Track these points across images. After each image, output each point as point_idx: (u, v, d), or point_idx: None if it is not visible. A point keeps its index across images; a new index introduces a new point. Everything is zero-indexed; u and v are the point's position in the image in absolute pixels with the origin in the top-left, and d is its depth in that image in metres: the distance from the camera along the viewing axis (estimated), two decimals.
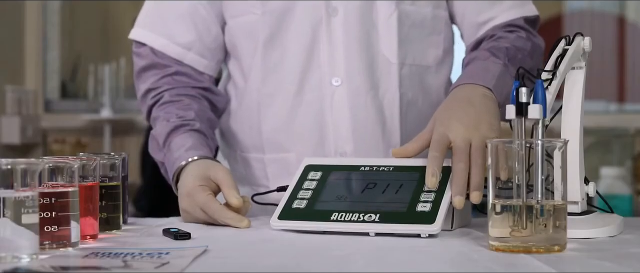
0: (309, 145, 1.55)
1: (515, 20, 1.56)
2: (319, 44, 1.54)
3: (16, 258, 1.02)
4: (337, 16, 1.53)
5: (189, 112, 1.53)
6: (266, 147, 1.58)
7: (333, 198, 1.29)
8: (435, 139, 1.29)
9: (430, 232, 1.20)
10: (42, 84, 4.34)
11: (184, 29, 1.59)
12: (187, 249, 1.09)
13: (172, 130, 1.51)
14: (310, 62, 1.54)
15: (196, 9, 1.59)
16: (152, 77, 1.59)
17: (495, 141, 1.11)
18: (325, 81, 1.54)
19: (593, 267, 0.99)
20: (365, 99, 1.54)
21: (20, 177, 1.03)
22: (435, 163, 1.26)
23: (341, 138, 1.54)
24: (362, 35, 1.54)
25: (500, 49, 1.49)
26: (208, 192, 1.37)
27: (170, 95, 1.57)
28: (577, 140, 1.27)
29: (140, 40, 1.61)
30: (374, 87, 1.54)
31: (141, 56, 1.61)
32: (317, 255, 1.10)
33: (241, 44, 1.59)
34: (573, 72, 1.30)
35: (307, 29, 1.54)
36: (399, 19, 1.55)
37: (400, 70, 1.55)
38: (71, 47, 4.64)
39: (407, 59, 1.56)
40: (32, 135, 4.19)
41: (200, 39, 1.59)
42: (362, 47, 1.54)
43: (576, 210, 1.24)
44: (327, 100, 1.54)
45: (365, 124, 1.54)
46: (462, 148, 1.27)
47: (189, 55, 1.59)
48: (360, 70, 1.53)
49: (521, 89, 1.15)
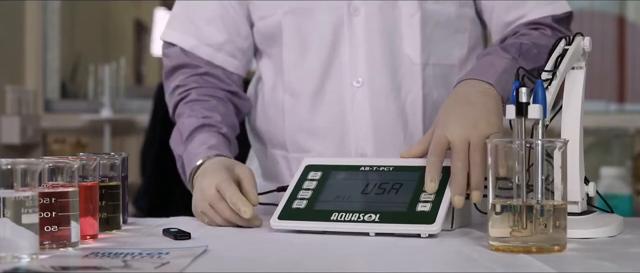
0: (330, 145, 1.54)
1: (542, 19, 1.52)
2: (341, 44, 1.53)
3: (16, 258, 1.02)
4: (359, 16, 1.52)
5: (215, 114, 1.53)
6: (289, 145, 1.59)
7: (333, 198, 1.29)
8: (433, 142, 1.29)
9: (430, 232, 1.20)
10: (42, 84, 4.34)
11: (215, 30, 1.59)
12: (187, 249, 1.09)
13: (199, 126, 1.51)
14: (332, 62, 1.53)
15: (226, 10, 1.59)
16: (181, 75, 1.60)
17: (495, 141, 1.11)
18: (347, 81, 1.53)
19: (593, 267, 1.00)
20: (386, 100, 1.52)
21: (20, 177, 1.03)
22: (434, 168, 1.26)
23: (362, 139, 1.53)
24: (384, 35, 1.52)
25: (514, 44, 1.47)
26: (229, 177, 1.36)
27: (198, 94, 1.57)
28: (577, 140, 1.27)
29: (171, 41, 1.62)
30: (396, 88, 1.53)
31: (171, 57, 1.62)
32: (317, 255, 1.11)
33: (267, 45, 1.60)
34: (573, 72, 1.30)
35: (329, 28, 1.53)
36: (422, 19, 1.52)
37: (423, 71, 1.53)
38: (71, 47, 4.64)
39: (430, 59, 1.54)
40: (32, 135, 4.19)
41: (231, 39, 1.60)
42: (384, 47, 1.52)
43: (576, 210, 1.24)
44: (348, 100, 1.53)
45: (386, 124, 1.52)
46: (460, 148, 1.27)
47: (220, 56, 1.60)
48: (382, 70, 1.52)
49: (521, 89, 1.15)
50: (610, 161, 3.93)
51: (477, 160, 1.25)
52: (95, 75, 4.29)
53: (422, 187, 1.26)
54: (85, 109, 4.33)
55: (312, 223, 1.26)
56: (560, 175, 1.11)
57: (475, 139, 1.27)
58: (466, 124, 1.29)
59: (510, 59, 1.42)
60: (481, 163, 1.25)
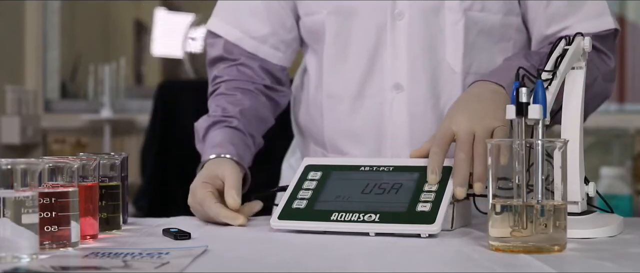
0: (367, 150, 1.54)
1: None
2: (383, 48, 1.51)
3: (16, 258, 1.02)
4: (403, 20, 1.50)
5: (235, 108, 1.54)
6: (328, 145, 1.59)
7: (333, 198, 1.29)
8: (437, 135, 1.29)
9: (430, 232, 1.20)
10: (42, 84, 4.34)
11: (259, 22, 1.60)
12: (187, 249, 1.09)
13: (211, 124, 1.52)
14: (373, 66, 1.52)
15: (271, 4, 1.60)
16: (220, 66, 1.61)
17: (495, 141, 1.11)
18: (387, 87, 1.52)
19: (593, 267, 1.00)
20: (425, 108, 1.51)
21: (20, 177, 1.03)
22: (435, 160, 1.26)
23: (399, 146, 1.52)
24: (426, 41, 1.50)
25: (538, 53, 1.44)
26: (209, 189, 1.37)
27: (226, 88, 1.58)
28: (577, 140, 1.27)
29: (217, 32, 1.62)
30: (435, 96, 1.51)
31: (214, 46, 1.63)
32: (317, 255, 1.11)
33: (313, 40, 1.60)
34: (573, 72, 1.30)
35: (372, 32, 1.51)
36: (466, 26, 1.49)
37: (464, 80, 1.50)
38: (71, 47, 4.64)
39: (472, 68, 1.51)
40: (32, 135, 4.19)
41: (275, 32, 1.60)
42: (426, 54, 1.50)
43: (576, 210, 1.24)
44: (386, 106, 1.52)
45: (424, 132, 1.50)
46: (464, 139, 1.26)
47: (264, 48, 1.60)
48: (423, 77, 1.50)
49: (521, 89, 1.15)
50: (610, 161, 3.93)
51: (480, 151, 1.25)
52: (95, 75, 4.28)
53: (422, 187, 1.27)
54: (85, 109, 4.32)
55: (312, 223, 1.26)
56: (560, 175, 1.11)
57: (480, 131, 1.27)
58: (472, 117, 1.29)
59: (530, 66, 1.38)
60: (484, 154, 1.24)
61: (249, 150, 1.52)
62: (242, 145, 1.50)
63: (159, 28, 5.04)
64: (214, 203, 1.35)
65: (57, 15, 4.43)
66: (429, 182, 1.26)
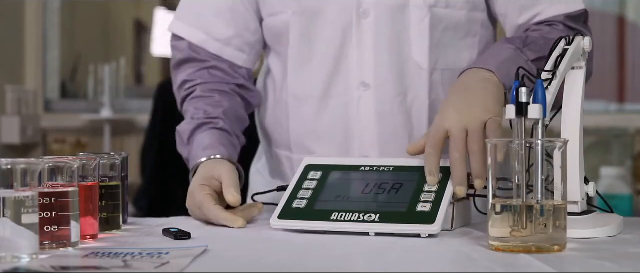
0: (335, 149, 1.54)
1: (555, 17, 1.50)
2: (349, 47, 1.51)
3: (16, 258, 1.02)
4: (368, 18, 1.50)
5: (216, 110, 1.54)
6: (293, 146, 1.58)
7: (333, 198, 1.29)
8: (430, 134, 1.28)
9: (430, 232, 1.20)
10: (42, 84, 4.34)
11: (223, 24, 1.59)
12: (187, 249, 1.09)
13: (195, 127, 1.52)
14: (339, 66, 1.52)
15: (235, 5, 1.59)
16: (189, 69, 1.60)
17: (495, 141, 1.11)
18: (353, 85, 1.52)
19: (593, 267, 1.00)
20: (392, 105, 1.51)
21: (20, 177, 1.03)
22: (431, 160, 1.26)
23: (367, 144, 1.52)
24: (392, 39, 1.50)
25: (519, 37, 1.46)
26: (207, 191, 1.37)
27: (202, 90, 1.57)
28: (577, 140, 1.27)
29: (180, 34, 1.62)
30: (402, 93, 1.51)
31: (179, 49, 1.62)
32: (317, 254, 1.11)
33: (276, 42, 1.59)
34: (573, 72, 1.30)
35: (337, 31, 1.52)
36: (431, 23, 1.50)
37: (430, 76, 1.51)
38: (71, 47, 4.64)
39: (438, 64, 1.52)
40: (32, 135, 4.19)
41: (239, 34, 1.59)
42: (392, 52, 1.51)
43: (576, 210, 1.24)
44: (353, 105, 1.52)
45: (391, 130, 1.51)
46: (457, 137, 1.26)
47: (228, 50, 1.60)
48: (389, 75, 1.51)
49: (521, 89, 1.15)
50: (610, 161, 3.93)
51: (475, 149, 1.25)
52: (95, 75, 4.29)
53: (422, 187, 1.27)
54: (85, 109, 4.33)
55: (312, 223, 1.26)
56: (560, 175, 1.11)
57: (472, 126, 1.26)
58: (463, 111, 1.28)
59: (514, 49, 1.41)
60: (479, 150, 1.24)
61: (236, 150, 1.53)
62: (230, 145, 1.50)
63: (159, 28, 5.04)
64: (213, 205, 1.35)
65: (57, 15, 4.43)
66: (428, 183, 1.26)
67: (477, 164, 1.24)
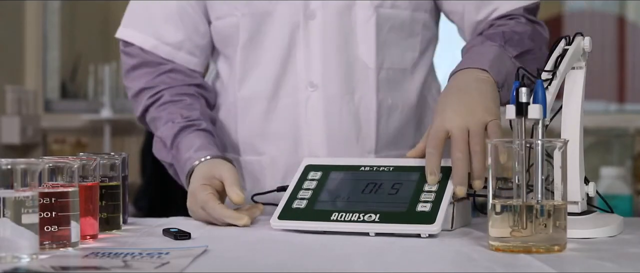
0: (283, 149, 1.54)
1: (514, 11, 1.52)
2: (296, 48, 1.52)
3: (16, 258, 1.02)
4: (315, 20, 1.51)
5: (193, 112, 1.54)
6: (242, 148, 1.58)
7: (333, 198, 1.29)
8: (431, 134, 1.29)
9: (430, 232, 1.20)
10: (42, 84, 4.34)
11: (173, 29, 1.58)
12: (187, 249, 1.09)
13: (179, 131, 1.51)
14: (287, 66, 1.53)
15: (184, 8, 1.58)
16: (145, 76, 1.59)
17: (495, 141, 1.11)
18: (301, 86, 1.53)
19: (593, 267, 0.99)
20: (340, 105, 1.52)
21: (20, 177, 1.03)
22: (432, 160, 1.26)
23: (315, 144, 1.53)
24: (339, 39, 1.52)
25: (497, 33, 1.47)
26: (209, 191, 1.37)
27: (170, 95, 1.56)
28: (577, 140, 1.27)
29: (130, 41, 1.61)
30: (349, 92, 1.53)
31: (131, 55, 1.61)
32: (317, 255, 1.11)
33: (223, 44, 1.59)
34: (573, 72, 1.30)
35: (285, 32, 1.53)
36: (377, 23, 1.52)
37: (377, 75, 1.53)
38: (71, 47, 4.64)
39: (384, 63, 1.54)
40: (32, 135, 4.19)
41: (190, 38, 1.59)
42: (339, 52, 1.52)
43: (576, 210, 1.24)
44: (301, 105, 1.53)
45: (339, 129, 1.52)
46: (459, 138, 1.26)
47: (180, 55, 1.59)
48: (337, 75, 1.52)
49: (521, 89, 1.15)
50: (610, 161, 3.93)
51: (477, 149, 1.25)
52: (95, 75, 4.29)
53: (422, 187, 1.27)
54: (85, 109, 4.33)
55: (312, 223, 1.26)
56: (560, 175, 1.11)
57: (474, 127, 1.27)
58: (463, 112, 1.29)
59: (498, 46, 1.43)
60: (481, 151, 1.24)
61: (220, 149, 1.52)
62: (217, 145, 1.51)
63: None
64: (218, 204, 1.35)
65: (57, 15, 4.43)
66: (429, 183, 1.26)
67: (478, 165, 1.24)
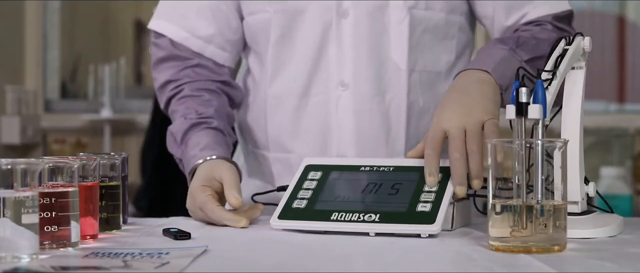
0: (312, 147, 1.54)
1: (543, 18, 1.51)
2: (328, 46, 1.52)
3: (16, 258, 1.02)
4: (347, 18, 1.51)
5: (208, 109, 1.53)
6: (271, 145, 1.58)
7: (333, 198, 1.29)
8: (429, 135, 1.29)
9: (430, 232, 1.20)
10: (42, 84, 4.34)
11: (205, 22, 1.59)
12: (187, 249, 1.09)
13: (189, 127, 1.51)
14: (318, 65, 1.53)
15: (216, 3, 1.59)
16: (171, 68, 1.60)
17: (495, 141, 1.11)
18: (332, 84, 1.52)
19: (593, 267, 0.99)
20: (370, 105, 1.51)
21: (20, 177, 1.03)
22: (431, 162, 1.26)
23: (344, 143, 1.52)
24: (371, 39, 1.51)
25: (511, 37, 1.47)
26: (208, 192, 1.37)
27: (190, 89, 1.57)
28: (577, 140, 1.27)
29: (161, 32, 1.61)
30: (380, 93, 1.52)
31: (160, 47, 1.61)
32: (317, 255, 1.10)
33: (256, 41, 1.59)
34: (573, 72, 1.30)
35: (317, 30, 1.52)
36: (411, 25, 1.51)
37: (409, 77, 1.52)
38: (71, 47, 4.64)
39: (417, 65, 1.53)
40: (32, 135, 4.19)
41: (221, 32, 1.59)
42: (371, 52, 1.51)
43: (576, 210, 1.24)
44: (332, 103, 1.52)
45: (369, 129, 1.52)
46: (456, 137, 1.26)
47: (209, 48, 1.59)
48: (368, 75, 1.51)
49: (521, 89, 1.15)
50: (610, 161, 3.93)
51: (474, 149, 1.25)
52: (95, 75, 4.29)
53: (422, 187, 1.27)
54: (85, 109, 4.33)
55: (312, 223, 1.26)
56: (560, 175, 1.11)
57: (471, 126, 1.27)
58: (460, 112, 1.29)
59: (508, 49, 1.42)
60: (478, 150, 1.24)
61: (230, 149, 1.53)
62: (225, 145, 1.51)
63: None
64: (216, 206, 1.35)
65: (57, 15, 4.43)
66: (428, 184, 1.26)
67: (475, 164, 1.24)
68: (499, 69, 1.38)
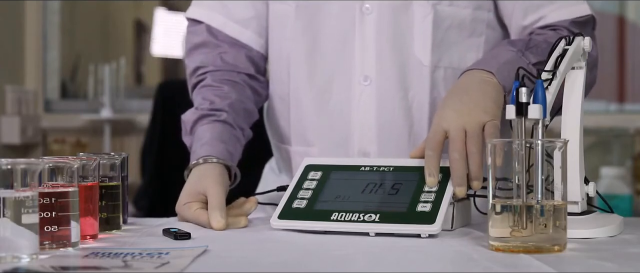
0: (333, 143, 1.54)
1: (560, 23, 1.49)
2: (351, 42, 1.52)
3: (16, 258, 1.02)
4: (371, 15, 1.51)
5: (223, 101, 1.52)
6: (294, 139, 1.58)
7: (333, 198, 1.29)
8: (429, 136, 1.29)
9: (430, 232, 1.20)
10: (42, 84, 4.34)
11: (242, 6, 1.59)
12: (187, 249, 1.09)
13: (198, 118, 1.51)
14: (341, 60, 1.52)
15: None
16: (201, 55, 1.59)
17: (495, 141, 1.11)
18: (355, 80, 1.52)
19: (593, 267, 1.00)
20: (392, 101, 1.51)
21: (20, 177, 1.03)
22: (431, 162, 1.26)
23: (366, 139, 1.52)
24: (395, 35, 1.50)
25: (522, 40, 1.45)
26: (195, 207, 1.36)
27: (212, 79, 1.56)
28: (577, 140, 1.27)
29: (199, 19, 1.60)
30: (403, 89, 1.51)
31: (196, 33, 1.61)
32: (317, 254, 1.11)
33: (278, 36, 1.59)
34: (573, 72, 1.30)
35: (340, 26, 1.52)
36: (434, 21, 1.49)
37: (432, 73, 1.51)
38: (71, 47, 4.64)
39: (441, 62, 1.51)
40: (32, 135, 4.19)
41: (257, 16, 1.59)
42: (394, 48, 1.51)
43: (576, 210, 1.24)
44: (355, 99, 1.52)
45: (391, 125, 1.51)
46: (456, 137, 1.26)
47: (246, 34, 1.59)
48: (391, 71, 1.51)
49: (521, 89, 1.15)
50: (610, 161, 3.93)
51: (473, 150, 1.25)
52: (95, 75, 4.28)
53: (422, 187, 1.27)
54: (85, 109, 4.32)
55: (312, 223, 1.26)
56: (560, 175, 1.11)
57: (471, 127, 1.26)
58: (461, 112, 1.29)
59: (516, 52, 1.40)
60: (478, 152, 1.24)
61: (239, 143, 1.51)
62: (231, 140, 1.49)
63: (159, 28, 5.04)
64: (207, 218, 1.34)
65: (57, 15, 4.43)
66: (427, 185, 1.26)
67: (474, 165, 1.24)
68: (503, 70, 1.36)
